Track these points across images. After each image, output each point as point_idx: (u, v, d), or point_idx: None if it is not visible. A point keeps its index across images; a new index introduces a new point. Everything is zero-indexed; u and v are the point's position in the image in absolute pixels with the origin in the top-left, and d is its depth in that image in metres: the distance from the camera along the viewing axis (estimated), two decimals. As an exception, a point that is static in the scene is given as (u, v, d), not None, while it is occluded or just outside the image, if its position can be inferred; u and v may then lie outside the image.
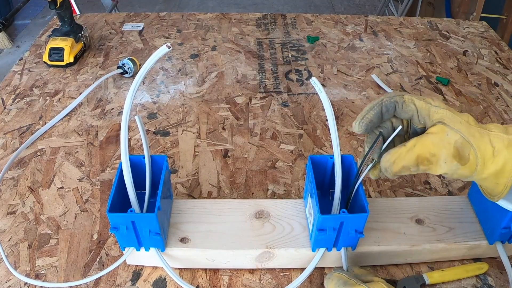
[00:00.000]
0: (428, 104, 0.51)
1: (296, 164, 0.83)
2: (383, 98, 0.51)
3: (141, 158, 0.61)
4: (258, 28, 1.28)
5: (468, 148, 0.49)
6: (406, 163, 0.50)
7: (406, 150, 0.50)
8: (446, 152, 0.49)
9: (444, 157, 0.49)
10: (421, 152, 0.49)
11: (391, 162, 0.50)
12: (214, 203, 0.68)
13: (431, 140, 0.49)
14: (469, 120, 0.51)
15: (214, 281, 0.63)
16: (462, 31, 1.30)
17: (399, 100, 0.51)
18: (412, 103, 0.51)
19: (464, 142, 0.49)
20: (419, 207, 0.67)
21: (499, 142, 0.50)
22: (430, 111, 0.50)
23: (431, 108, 0.50)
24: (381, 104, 0.51)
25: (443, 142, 0.49)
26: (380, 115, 0.52)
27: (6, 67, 2.64)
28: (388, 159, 0.51)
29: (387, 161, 0.51)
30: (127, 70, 1.04)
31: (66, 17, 1.08)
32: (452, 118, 0.50)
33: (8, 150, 0.84)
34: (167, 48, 0.48)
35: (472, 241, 0.63)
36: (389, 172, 0.51)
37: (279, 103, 0.98)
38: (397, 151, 0.50)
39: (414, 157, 0.49)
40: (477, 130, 0.50)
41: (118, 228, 0.56)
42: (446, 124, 0.49)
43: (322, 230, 0.57)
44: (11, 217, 0.71)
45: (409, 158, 0.50)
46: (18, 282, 0.62)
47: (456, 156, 0.49)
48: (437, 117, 0.50)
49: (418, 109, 0.51)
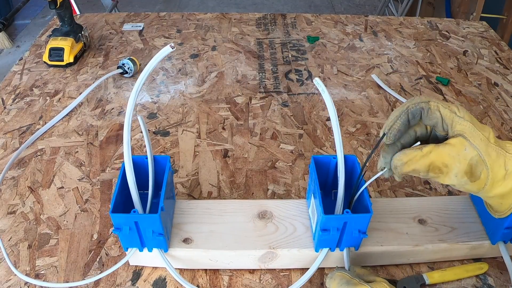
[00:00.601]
0: (452, 114, 0.50)
1: (296, 164, 0.82)
2: (408, 105, 0.51)
3: (144, 158, 0.61)
4: (258, 28, 1.28)
5: (481, 167, 0.50)
6: (417, 167, 0.50)
7: (421, 154, 0.50)
8: (460, 167, 0.50)
9: (456, 171, 0.50)
10: (435, 160, 0.49)
11: (403, 162, 0.50)
12: (216, 204, 0.68)
13: (448, 151, 0.49)
14: (489, 136, 0.51)
15: (214, 281, 0.63)
16: (462, 31, 1.30)
17: (425, 107, 0.51)
18: (437, 110, 0.50)
19: (480, 160, 0.50)
20: (421, 207, 0.67)
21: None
22: (454, 121, 0.50)
23: (455, 118, 0.50)
24: (407, 112, 0.51)
25: (459, 156, 0.49)
26: (407, 122, 0.51)
27: (6, 67, 2.64)
28: (401, 158, 0.50)
29: (399, 159, 0.50)
30: (127, 70, 1.04)
31: (66, 17, 1.07)
32: (473, 133, 0.50)
33: (8, 150, 0.84)
34: (170, 48, 0.48)
35: (474, 241, 0.63)
36: (398, 171, 0.51)
37: (279, 103, 0.98)
38: (412, 153, 0.50)
39: (427, 164, 0.50)
40: (495, 149, 0.50)
41: (121, 229, 0.56)
42: (467, 138, 0.49)
43: (325, 230, 0.57)
44: (11, 217, 0.71)
45: (422, 163, 0.50)
46: (18, 282, 0.62)
47: (468, 172, 0.50)
48: (459, 129, 0.50)
49: (443, 117, 0.50)
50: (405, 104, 0.51)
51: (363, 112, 0.96)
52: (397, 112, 0.51)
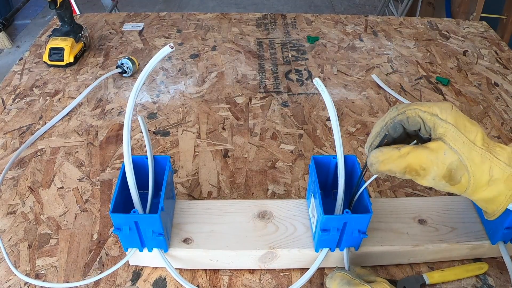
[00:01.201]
0: (433, 117, 0.48)
1: (296, 164, 0.82)
2: (386, 121, 0.50)
3: (144, 158, 0.61)
4: (258, 28, 1.28)
5: (462, 171, 0.48)
6: (393, 168, 0.49)
7: (398, 154, 0.48)
8: (437, 171, 0.48)
9: (434, 175, 0.48)
10: (412, 163, 0.48)
11: (379, 160, 0.49)
12: (217, 204, 0.68)
13: (426, 154, 0.48)
14: (476, 139, 0.48)
15: (214, 281, 0.63)
16: (462, 31, 1.30)
17: (403, 118, 0.50)
18: (417, 116, 0.49)
19: (460, 165, 0.48)
20: (421, 207, 0.67)
21: (499, 172, 0.48)
22: (435, 123, 0.48)
23: (436, 120, 0.48)
24: (386, 128, 0.50)
25: (437, 160, 0.48)
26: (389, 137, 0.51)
27: (6, 67, 2.64)
28: (377, 156, 0.49)
29: (375, 157, 0.49)
30: (126, 70, 1.04)
31: (66, 17, 1.07)
32: (454, 136, 0.48)
33: (8, 150, 0.84)
34: (170, 49, 0.48)
35: (474, 241, 0.63)
36: (374, 169, 0.50)
37: (279, 103, 0.98)
38: (389, 152, 0.49)
39: (403, 165, 0.48)
40: (480, 153, 0.48)
41: (121, 229, 0.56)
42: (446, 142, 0.48)
43: (325, 230, 0.57)
44: (11, 217, 0.71)
45: (399, 164, 0.48)
46: (18, 282, 0.62)
47: (446, 176, 0.48)
48: (441, 132, 0.48)
49: (424, 121, 0.49)
50: (385, 117, 0.50)
51: (363, 112, 0.96)
52: (377, 128, 0.50)
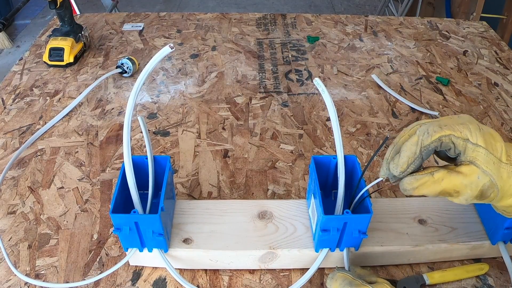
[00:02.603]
0: (465, 142, 0.49)
1: (296, 164, 0.82)
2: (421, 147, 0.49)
3: (144, 158, 0.61)
4: (258, 28, 1.28)
5: (492, 189, 0.50)
6: (427, 193, 0.50)
7: (432, 181, 0.49)
8: (471, 194, 0.50)
9: (467, 196, 0.50)
10: (446, 188, 0.49)
11: (413, 187, 0.50)
12: (217, 204, 0.68)
13: (461, 180, 0.49)
14: (502, 155, 0.50)
15: (214, 281, 0.63)
16: (462, 31, 1.30)
17: (437, 145, 0.50)
18: (450, 142, 0.50)
19: (491, 185, 0.50)
20: (421, 207, 0.67)
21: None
22: (467, 148, 0.50)
23: (468, 145, 0.50)
24: (421, 155, 0.49)
25: (471, 184, 0.50)
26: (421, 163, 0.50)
27: (6, 67, 2.64)
28: (411, 183, 0.50)
29: (409, 184, 0.50)
30: (126, 70, 1.04)
31: (66, 17, 1.07)
32: (486, 159, 0.49)
33: (8, 150, 0.84)
34: (170, 49, 0.48)
35: (474, 241, 0.63)
36: (407, 193, 0.51)
37: (279, 103, 0.98)
38: (423, 179, 0.49)
39: (438, 190, 0.50)
40: (506, 169, 0.50)
41: (121, 229, 0.56)
42: (479, 166, 0.49)
43: (325, 230, 0.57)
44: (11, 217, 0.71)
45: (433, 189, 0.50)
46: (18, 282, 0.62)
47: (478, 196, 0.51)
48: (472, 155, 0.50)
49: (455, 144, 0.50)
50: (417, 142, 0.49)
51: (363, 112, 0.96)
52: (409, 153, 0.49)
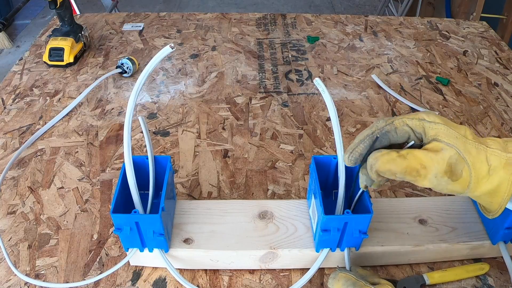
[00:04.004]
0: (421, 121, 0.49)
1: (296, 164, 0.82)
2: (374, 130, 0.49)
3: (144, 158, 0.61)
4: (258, 28, 1.28)
5: (462, 165, 0.48)
6: (393, 168, 0.48)
7: (397, 155, 0.48)
8: (439, 167, 0.47)
9: (436, 171, 0.48)
10: (412, 162, 0.47)
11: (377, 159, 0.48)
12: (217, 204, 0.68)
13: (425, 153, 0.48)
14: (466, 133, 0.49)
15: (214, 281, 0.63)
16: (462, 31, 1.30)
17: (390, 129, 0.49)
18: (404, 124, 0.49)
19: (459, 158, 0.48)
20: (422, 207, 0.67)
21: (496, 160, 0.48)
22: (425, 127, 0.49)
23: (425, 124, 0.49)
24: (372, 137, 0.49)
25: (437, 157, 0.47)
26: (371, 147, 0.50)
27: (6, 67, 2.64)
28: (376, 157, 0.48)
29: (374, 158, 0.48)
30: (126, 70, 1.04)
31: (66, 17, 1.07)
32: (447, 133, 0.48)
33: (8, 150, 0.84)
34: (170, 49, 0.48)
35: (475, 241, 0.63)
36: (373, 170, 0.49)
37: (279, 103, 0.98)
38: (389, 153, 0.48)
39: (404, 165, 0.47)
40: (474, 145, 0.48)
41: (122, 229, 0.56)
42: (441, 140, 0.48)
43: (326, 230, 0.57)
44: (11, 217, 0.71)
45: (399, 163, 0.47)
46: (18, 282, 0.62)
47: (448, 172, 0.48)
48: (432, 134, 0.48)
49: (413, 128, 0.49)
50: (371, 128, 0.50)
51: (363, 112, 0.96)
52: (361, 136, 0.50)
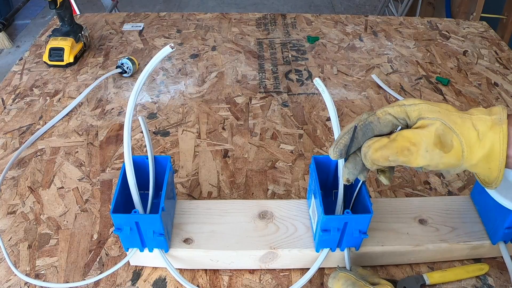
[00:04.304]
0: (402, 107, 0.50)
1: (296, 164, 0.82)
2: (357, 122, 0.50)
3: (144, 158, 0.61)
4: (258, 28, 1.28)
5: (450, 135, 0.48)
6: (385, 152, 0.49)
7: (387, 139, 0.49)
8: (427, 141, 0.48)
9: (425, 145, 0.48)
10: (401, 142, 0.48)
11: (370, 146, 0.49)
12: (217, 204, 0.68)
13: (412, 131, 0.49)
14: (448, 107, 0.50)
15: (214, 281, 0.63)
16: (462, 31, 1.30)
17: (373, 119, 0.50)
18: (386, 113, 0.50)
19: (446, 128, 0.48)
20: (422, 207, 0.67)
21: (483, 124, 0.49)
22: (407, 112, 0.50)
23: (406, 108, 0.50)
24: (354, 129, 0.50)
25: (424, 131, 0.48)
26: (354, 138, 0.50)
27: (6, 67, 2.64)
28: (368, 145, 0.50)
29: (367, 146, 0.50)
30: (126, 70, 1.04)
31: (66, 17, 1.07)
32: (429, 109, 0.49)
33: (8, 150, 0.84)
34: (170, 49, 0.48)
35: (475, 241, 0.63)
36: (368, 158, 0.50)
37: (279, 103, 0.98)
38: (379, 139, 0.49)
39: (394, 146, 0.48)
40: (458, 115, 0.49)
41: (122, 229, 0.56)
42: (425, 117, 0.49)
43: (326, 230, 0.57)
44: (11, 217, 0.71)
45: (390, 146, 0.48)
46: (18, 282, 0.62)
47: (438, 143, 0.48)
48: (416, 115, 0.49)
49: (394, 115, 0.50)
50: (354, 121, 0.51)
51: (363, 112, 0.96)
52: (345, 129, 0.51)
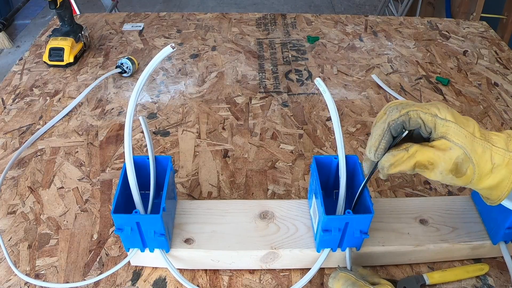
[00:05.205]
0: (434, 117, 0.50)
1: (296, 164, 0.82)
2: (389, 121, 0.51)
3: (145, 158, 0.61)
4: (258, 28, 1.28)
5: (467, 164, 0.50)
6: (403, 168, 0.51)
7: (407, 155, 0.50)
8: (445, 166, 0.50)
9: (441, 169, 0.50)
10: (420, 159, 0.50)
11: (390, 163, 0.51)
12: (218, 204, 0.68)
13: (433, 151, 0.50)
14: (474, 131, 0.51)
15: (214, 281, 0.63)
16: (462, 31, 1.30)
17: (405, 119, 0.51)
18: (418, 117, 0.51)
19: (465, 158, 0.50)
20: (422, 207, 0.67)
21: (500, 158, 0.51)
22: (436, 123, 0.50)
23: (437, 120, 0.50)
24: (389, 130, 0.51)
25: (444, 156, 0.50)
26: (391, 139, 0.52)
27: (6, 67, 2.63)
28: (388, 160, 0.51)
29: (387, 161, 0.51)
30: (126, 70, 1.03)
31: (66, 17, 1.07)
32: (457, 132, 0.50)
33: (8, 150, 0.84)
34: (171, 49, 0.48)
35: (475, 241, 0.63)
36: (385, 172, 0.51)
37: (279, 103, 0.98)
38: (399, 154, 0.50)
39: (412, 163, 0.50)
40: (481, 144, 0.51)
41: (123, 229, 0.56)
42: (450, 139, 0.50)
43: (327, 230, 0.57)
44: (11, 217, 0.71)
45: (408, 164, 0.50)
46: (18, 282, 0.62)
47: (453, 170, 0.50)
48: (443, 131, 0.50)
49: (424, 122, 0.51)
50: (385, 119, 0.51)
51: (363, 112, 0.96)
52: (379, 131, 0.51)
